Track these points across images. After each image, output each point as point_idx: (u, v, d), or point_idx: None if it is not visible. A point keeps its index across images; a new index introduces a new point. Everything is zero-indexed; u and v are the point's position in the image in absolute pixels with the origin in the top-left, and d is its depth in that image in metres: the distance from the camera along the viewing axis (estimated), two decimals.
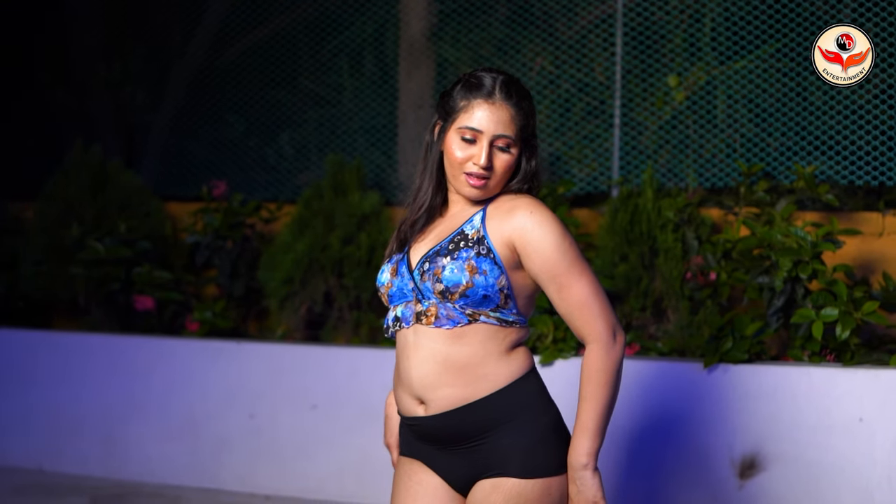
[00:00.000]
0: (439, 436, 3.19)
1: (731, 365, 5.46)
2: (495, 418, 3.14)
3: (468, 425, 3.14)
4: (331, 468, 6.18)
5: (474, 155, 3.15)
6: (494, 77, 3.20)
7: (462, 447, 3.17)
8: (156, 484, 6.42)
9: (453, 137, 3.18)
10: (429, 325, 3.14)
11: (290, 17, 7.80)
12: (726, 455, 5.43)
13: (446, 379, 3.14)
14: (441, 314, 3.13)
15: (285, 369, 6.34)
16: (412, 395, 3.20)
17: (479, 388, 3.14)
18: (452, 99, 3.22)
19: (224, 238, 6.93)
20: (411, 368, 3.18)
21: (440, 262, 3.13)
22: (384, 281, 3.27)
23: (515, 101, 3.19)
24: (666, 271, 6.08)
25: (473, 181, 3.16)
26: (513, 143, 3.18)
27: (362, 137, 7.57)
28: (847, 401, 5.27)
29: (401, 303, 3.22)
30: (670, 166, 6.75)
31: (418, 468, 3.29)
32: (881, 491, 5.18)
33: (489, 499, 3.13)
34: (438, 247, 3.18)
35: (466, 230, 3.18)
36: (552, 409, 3.23)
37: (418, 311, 3.17)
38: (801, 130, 6.44)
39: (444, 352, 3.14)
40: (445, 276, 3.11)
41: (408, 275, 3.20)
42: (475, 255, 3.11)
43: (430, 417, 3.18)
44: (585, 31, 7.03)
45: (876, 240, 6.18)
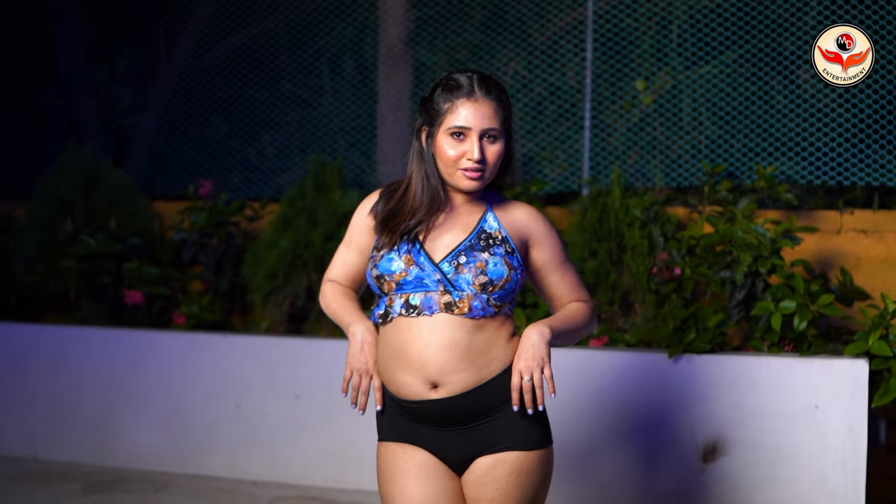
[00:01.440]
0: (450, 416, 3.34)
1: (694, 355, 5.66)
2: (500, 397, 3.35)
3: (479, 405, 3.34)
4: (314, 454, 6.31)
5: (467, 151, 3.32)
6: (470, 76, 3.36)
7: (467, 426, 3.36)
8: (145, 470, 6.53)
9: (443, 139, 3.34)
10: (461, 315, 3.29)
11: (272, 22, 7.86)
12: (690, 440, 5.63)
13: (465, 364, 3.31)
14: (475, 305, 3.30)
15: (270, 361, 6.46)
16: (425, 379, 3.32)
17: (490, 370, 3.34)
18: (435, 103, 3.37)
19: (210, 235, 7.06)
20: (429, 355, 3.30)
21: (479, 256, 3.32)
22: (395, 270, 3.33)
23: (495, 95, 3.36)
24: (633, 267, 6.24)
25: (470, 174, 3.34)
26: (499, 134, 3.36)
27: (342, 138, 7.66)
28: (804, 389, 5.50)
29: (417, 291, 3.31)
30: (638, 166, 6.89)
31: (411, 451, 3.41)
32: (835, 474, 5.41)
33: (493, 472, 3.35)
34: (468, 242, 3.36)
35: (487, 229, 3.40)
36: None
37: (447, 301, 3.30)
38: (762, 132, 6.61)
39: (465, 339, 3.30)
40: (490, 269, 3.31)
41: (431, 266, 3.32)
42: (506, 253, 3.36)
43: (443, 400, 3.32)
44: (557, 37, 7.16)
45: (834, 237, 6.37)
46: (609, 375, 5.79)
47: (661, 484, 5.70)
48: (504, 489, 3.36)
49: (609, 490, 5.78)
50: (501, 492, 3.36)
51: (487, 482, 3.36)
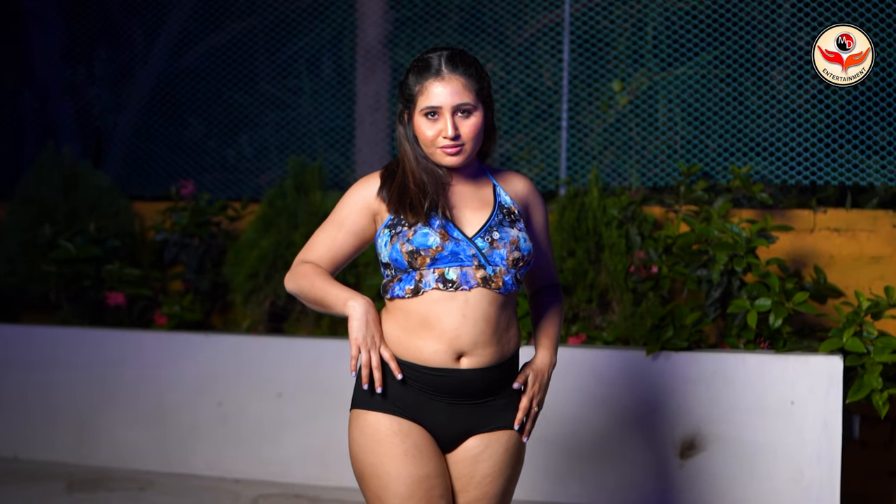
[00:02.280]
0: (468, 388, 3.40)
1: (672, 352, 5.75)
2: (506, 377, 3.48)
3: (495, 380, 3.43)
4: (295, 452, 6.36)
5: (441, 129, 3.36)
6: (439, 55, 3.39)
7: (476, 401, 3.43)
8: (129, 469, 6.56)
9: (419, 120, 3.38)
10: (496, 290, 3.36)
11: (249, 23, 7.88)
12: (668, 436, 5.72)
13: (494, 338, 3.39)
14: (506, 280, 3.39)
15: (252, 359, 6.50)
16: (455, 349, 3.36)
17: (509, 347, 3.46)
18: (408, 87, 3.41)
19: (192, 236, 7.09)
20: (465, 326, 3.35)
21: (510, 232, 3.42)
22: (432, 244, 3.34)
23: (463, 70, 3.38)
24: (611, 265, 6.31)
25: (449, 150, 3.37)
26: (473, 107, 3.38)
27: (320, 139, 7.69)
28: (780, 385, 5.59)
29: (453, 265, 3.35)
30: (614, 166, 6.95)
31: (410, 428, 3.39)
32: (811, 468, 5.51)
33: (490, 449, 3.46)
34: (496, 218, 3.44)
35: (504, 204, 3.49)
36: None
37: (483, 275, 3.35)
38: (737, 133, 6.69)
39: (495, 314, 3.39)
40: (522, 245, 3.41)
41: (466, 241, 3.37)
42: (524, 228, 3.47)
43: (468, 370, 3.38)
44: (534, 39, 7.22)
45: (808, 235, 6.46)
46: (587, 373, 5.87)
47: (639, 480, 5.79)
48: (499, 466, 3.47)
49: (588, 486, 5.85)
50: (496, 469, 3.47)
51: (484, 459, 3.45)
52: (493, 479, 3.46)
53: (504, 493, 3.51)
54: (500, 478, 3.47)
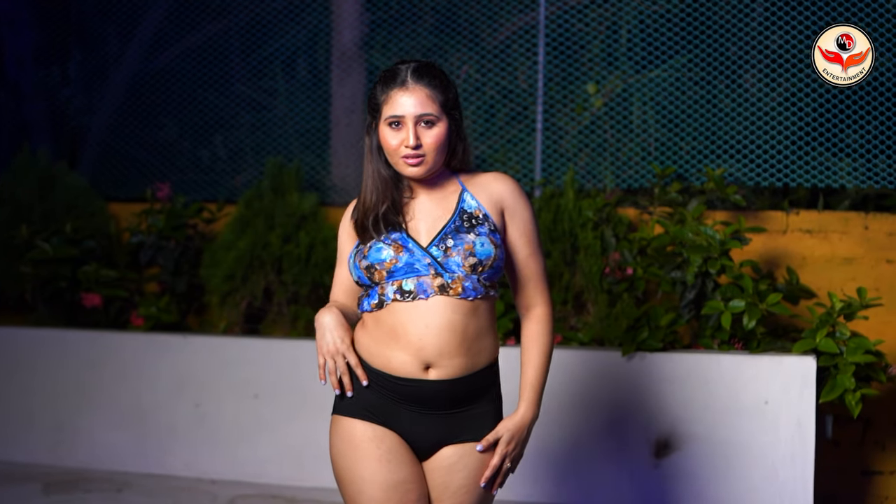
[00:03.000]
0: (437, 399, 3.43)
1: (647, 353, 5.79)
2: (481, 388, 3.49)
3: (465, 392, 3.45)
4: (272, 453, 6.38)
5: (404, 138, 3.40)
6: (406, 66, 3.46)
7: (447, 412, 3.45)
8: (106, 470, 6.55)
9: (384, 129, 3.43)
10: (455, 296, 3.38)
11: (224, 24, 7.86)
12: (643, 436, 5.77)
13: (461, 349, 3.41)
14: (467, 286, 3.39)
15: (229, 361, 6.51)
16: (420, 359, 3.39)
17: (480, 359, 3.47)
18: (375, 97, 3.47)
19: (168, 238, 7.09)
20: (428, 336, 3.37)
21: (466, 238, 3.41)
22: (386, 258, 3.40)
23: (428, 81, 3.43)
24: (586, 267, 6.34)
25: (410, 160, 3.42)
26: (436, 118, 3.43)
27: (296, 140, 7.69)
28: (754, 385, 5.65)
29: (409, 276, 3.39)
30: (589, 168, 6.98)
31: (384, 434, 3.46)
32: (785, 467, 5.57)
33: (464, 460, 3.47)
34: (452, 224, 3.45)
35: (467, 209, 3.48)
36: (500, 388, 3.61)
37: (440, 283, 3.38)
38: (711, 135, 6.73)
39: (463, 322, 3.40)
40: (478, 249, 3.39)
41: (420, 251, 3.41)
42: (489, 231, 3.45)
43: (436, 381, 3.41)
44: (509, 41, 7.24)
45: (781, 237, 6.52)
46: (563, 373, 5.88)
47: (614, 479, 5.82)
48: (473, 477, 3.47)
49: (564, 486, 5.89)
50: (471, 479, 3.47)
51: (458, 469, 3.46)
52: (468, 490, 3.48)
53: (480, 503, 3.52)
54: (475, 490, 3.48)
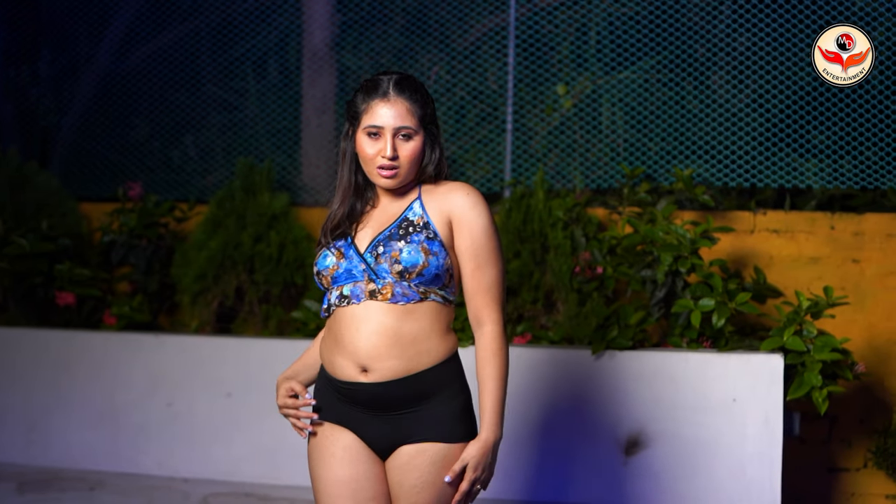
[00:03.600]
0: (377, 402, 3.49)
1: (616, 351, 5.83)
2: (428, 390, 3.50)
3: (406, 394, 3.48)
4: (245, 451, 6.39)
5: (381, 149, 3.47)
6: (388, 77, 3.52)
7: (394, 413, 3.50)
8: (79, 469, 6.54)
9: (361, 138, 3.50)
10: (384, 302, 3.44)
11: (194, 24, 7.87)
12: (612, 434, 5.80)
13: (394, 351, 3.45)
14: (397, 292, 3.45)
15: (202, 360, 6.52)
16: (356, 363, 3.47)
17: (421, 361, 3.49)
18: (355, 105, 3.54)
19: (140, 237, 7.10)
20: (359, 339, 3.46)
21: (395, 245, 3.46)
22: (329, 265, 3.53)
23: (409, 95, 3.50)
24: (556, 266, 6.37)
25: (385, 172, 3.48)
26: (414, 132, 3.50)
27: (267, 141, 7.71)
28: (722, 383, 5.70)
29: (348, 282, 3.49)
30: (559, 169, 7.02)
31: (341, 433, 3.57)
32: (752, 465, 5.62)
33: (415, 461, 3.49)
34: (388, 232, 3.50)
35: (410, 217, 3.53)
36: (467, 388, 3.61)
37: (371, 289, 3.46)
38: (679, 136, 6.80)
39: (394, 326, 3.45)
40: (404, 257, 3.44)
41: (357, 258, 3.49)
42: (426, 239, 3.48)
43: (372, 384, 3.47)
44: (479, 43, 7.28)
45: (748, 236, 6.58)
46: (533, 371, 5.93)
47: (584, 476, 5.86)
48: (425, 478, 3.49)
49: (534, 483, 5.92)
50: (423, 480, 3.48)
51: (410, 469, 3.49)
52: (421, 490, 3.49)
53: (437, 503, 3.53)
54: (429, 489, 3.50)
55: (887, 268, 6.50)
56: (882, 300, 6.50)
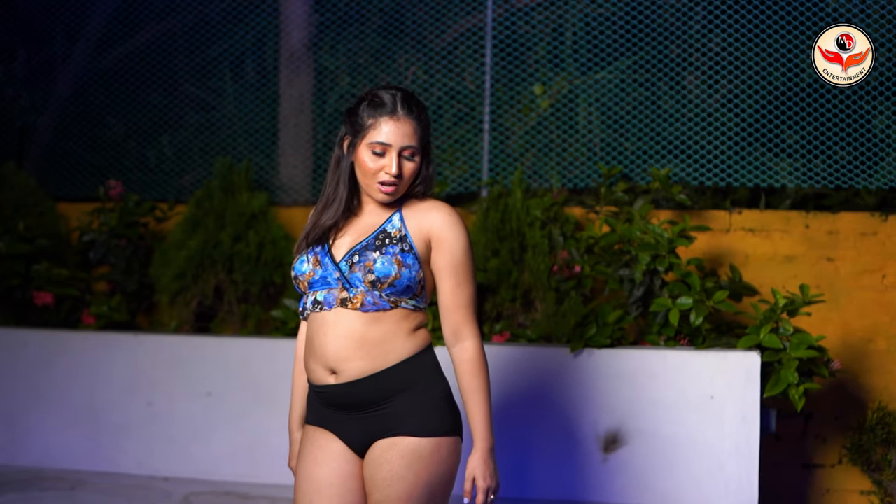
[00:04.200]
0: (346, 401, 3.60)
1: (595, 349, 5.85)
2: (396, 386, 3.59)
3: (373, 392, 3.58)
4: (225, 451, 6.39)
5: (385, 165, 3.57)
6: (394, 94, 3.60)
7: (365, 412, 3.60)
8: (59, 469, 6.52)
9: (364, 151, 3.58)
10: (354, 310, 3.54)
11: (172, 24, 7.85)
12: (591, 431, 5.83)
13: (359, 353, 3.56)
14: (367, 301, 3.55)
15: (181, 359, 6.51)
16: (325, 366, 3.60)
17: (386, 359, 3.59)
18: (360, 117, 3.60)
19: (119, 236, 7.09)
20: (328, 344, 3.57)
21: (370, 255, 3.55)
22: (305, 270, 3.62)
23: (416, 115, 3.61)
24: (534, 265, 6.41)
25: (385, 188, 3.58)
26: (416, 152, 3.61)
27: (244, 141, 7.72)
28: (699, 380, 5.74)
29: (322, 289, 3.59)
30: (535, 168, 7.06)
31: (321, 435, 3.69)
32: (730, 461, 5.66)
33: (386, 455, 3.56)
34: (365, 242, 3.59)
35: (388, 229, 3.61)
36: (444, 380, 3.69)
37: (343, 297, 3.55)
38: (656, 136, 6.84)
39: (361, 330, 3.55)
40: (377, 268, 3.53)
41: (332, 266, 3.58)
42: (400, 251, 3.57)
43: (339, 385, 3.59)
44: (456, 43, 7.30)
45: (724, 235, 6.64)
46: (511, 370, 5.96)
47: (564, 474, 5.89)
48: (395, 471, 3.55)
49: (514, 481, 5.93)
50: (393, 473, 3.55)
51: (381, 463, 3.57)
52: (391, 483, 3.55)
53: (407, 499, 3.57)
54: (398, 482, 3.55)
55: (861, 266, 6.57)
56: (856, 298, 6.56)
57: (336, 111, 7.60)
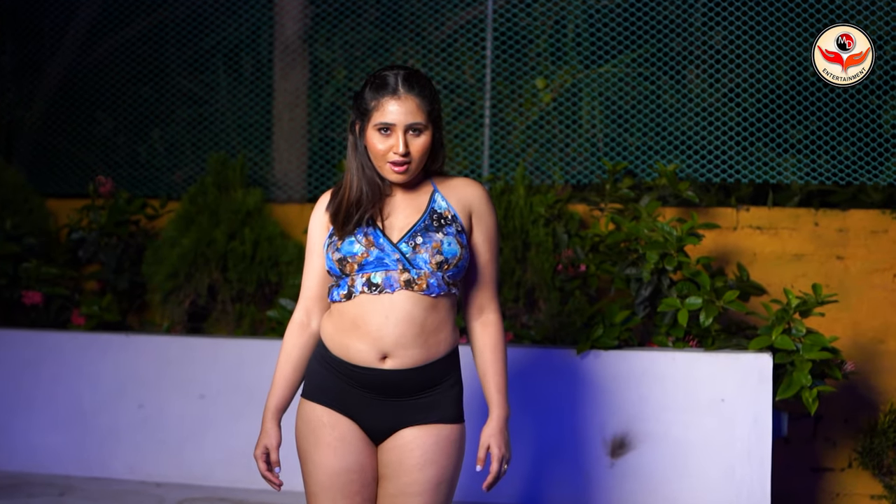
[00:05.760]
0: (392, 388, 3.57)
1: (601, 351, 5.75)
2: (437, 377, 3.61)
3: (417, 381, 3.58)
4: (219, 455, 6.27)
5: (393, 145, 3.54)
6: (396, 73, 3.59)
7: (404, 399, 3.59)
8: (47, 474, 6.42)
9: (372, 134, 3.56)
10: (420, 292, 3.53)
11: (163, 16, 7.76)
12: (598, 435, 5.72)
13: (419, 341, 3.55)
14: (431, 283, 3.54)
15: (173, 360, 6.40)
16: (378, 349, 3.54)
17: (438, 350, 3.60)
18: (364, 101, 3.60)
19: (110, 234, 6.96)
20: (387, 327, 3.52)
21: (434, 236, 3.56)
22: (357, 251, 3.55)
23: (418, 91, 3.57)
24: (537, 264, 6.30)
25: (397, 168, 3.56)
26: (424, 127, 3.57)
27: (237, 135, 7.63)
28: (710, 383, 5.64)
29: (378, 270, 3.54)
30: (537, 164, 6.98)
31: (337, 420, 3.63)
32: (742, 465, 5.56)
33: (418, 441, 3.57)
34: (422, 223, 3.58)
35: (437, 209, 3.63)
36: (461, 377, 3.73)
37: (406, 279, 3.52)
38: (661, 131, 6.75)
39: (421, 316, 3.55)
40: (445, 248, 3.54)
41: (390, 247, 3.54)
42: (457, 232, 3.60)
43: (390, 371, 3.55)
44: (456, 35, 7.21)
45: (731, 233, 6.54)
46: (515, 372, 5.68)
47: (570, 479, 5.78)
48: (427, 455, 3.58)
49: (518, 486, 5.84)
50: (425, 457, 3.57)
51: (413, 448, 3.57)
52: (423, 467, 3.56)
53: (437, 483, 3.60)
54: (430, 466, 3.57)
55: (872, 265, 6.48)
56: (867, 298, 6.48)
57: (332, 105, 7.55)
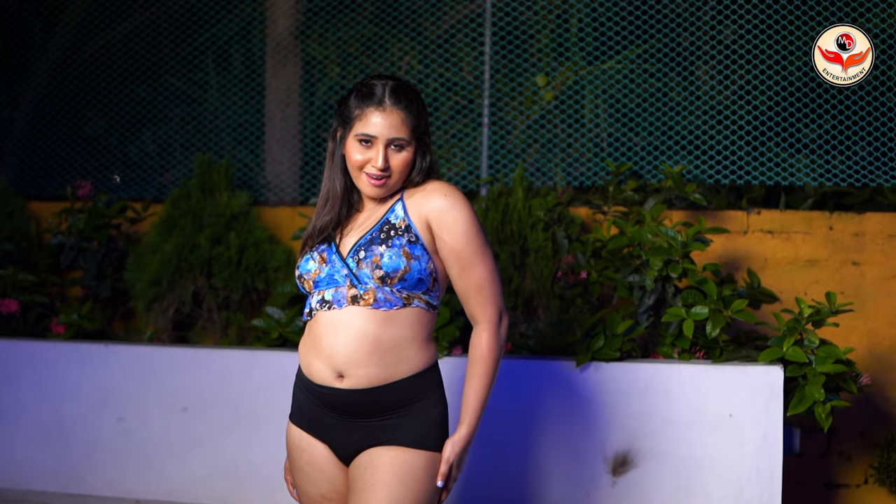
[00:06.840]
0: (351, 408, 3.55)
1: (602, 363, 5.54)
2: (404, 399, 3.56)
3: (380, 402, 3.54)
4: (202, 471, 6.12)
5: (372, 158, 3.53)
6: (384, 84, 3.55)
7: (365, 420, 3.56)
8: (22, 490, 6.29)
9: (352, 143, 3.56)
10: (367, 307, 3.48)
11: (153, 13, 7.70)
12: (599, 452, 5.52)
13: (373, 358, 3.50)
14: (379, 297, 3.50)
15: (155, 371, 6.25)
16: (332, 368, 3.53)
17: (399, 370, 3.54)
18: (348, 108, 3.58)
19: (90, 239, 6.80)
20: (338, 345, 3.51)
21: (376, 249, 3.51)
22: (311, 269, 3.59)
23: (405, 105, 3.53)
24: (536, 270, 6.14)
25: (373, 181, 3.55)
26: (407, 143, 3.54)
27: (228, 135, 7.55)
28: (717, 397, 5.41)
29: (329, 287, 3.54)
30: (538, 165, 6.86)
31: (308, 443, 3.68)
32: (750, 484, 5.34)
33: (375, 460, 3.58)
34: (369, 235, 3.55)
35: (391, 220, 3.57)
36: (444, 401, 3.66)
37: (353, 294, 3.50)
38: (667, 130, 6.60)
39: (374, 332, 3.50)
40: (385, 262, 3.48)
41: (340, 262, 3.54)
42: (407, 242, 3.53)
43: (347, 390, 3.53)
44: (454, 31, 7.11)
45: (741, 237, 6.36)
46: (512, 384, 5.66)
47: (569, 499, 5.58)
48: (380, 476, 3.53)
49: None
50: (377, 478, 3.52)
51: (367, 467, 3.54)
52: (373, 486, 3.52)
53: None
54: (382, 488, 3.52)
55: (889, 271, 6.31)
56: (884, 305, 6.30)
57: (325, 104, 7.51)
